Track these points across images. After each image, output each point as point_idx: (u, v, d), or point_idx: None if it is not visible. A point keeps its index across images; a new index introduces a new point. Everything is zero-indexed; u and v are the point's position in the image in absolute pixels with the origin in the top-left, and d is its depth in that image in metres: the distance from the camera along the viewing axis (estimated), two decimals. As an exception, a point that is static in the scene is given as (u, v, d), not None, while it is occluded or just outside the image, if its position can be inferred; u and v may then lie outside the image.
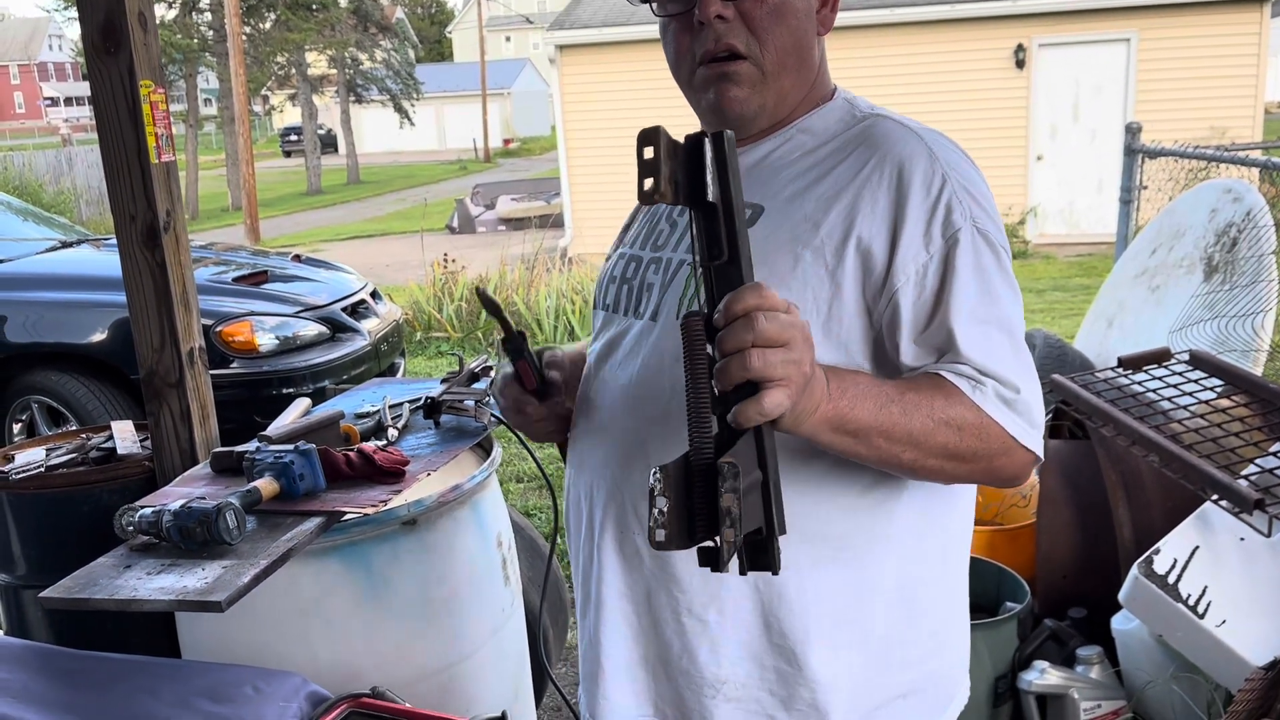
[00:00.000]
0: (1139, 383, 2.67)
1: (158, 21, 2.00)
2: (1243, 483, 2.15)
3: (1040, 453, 1.10)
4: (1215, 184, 3.58)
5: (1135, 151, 4.79)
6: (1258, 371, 2.94)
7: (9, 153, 21.81)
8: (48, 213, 7.21)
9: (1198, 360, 2.70)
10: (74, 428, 4.50)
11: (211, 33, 26.95)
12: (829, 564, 1.16)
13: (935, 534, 1.21)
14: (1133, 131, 4.84)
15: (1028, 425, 1.08)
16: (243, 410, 4.37)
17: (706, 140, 0.87)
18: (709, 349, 0.88)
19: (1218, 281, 3.23)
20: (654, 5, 1.23)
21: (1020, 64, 12.34)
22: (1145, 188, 4.80)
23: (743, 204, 0.89)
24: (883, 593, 1.18)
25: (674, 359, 1.10)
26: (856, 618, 1.18)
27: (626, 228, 1.44)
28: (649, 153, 0.85)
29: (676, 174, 0.87)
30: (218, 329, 4.62)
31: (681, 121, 1.08)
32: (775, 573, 0.87)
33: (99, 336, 4.65)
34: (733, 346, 0.86)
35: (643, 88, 12.78)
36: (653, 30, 1.22)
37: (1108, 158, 11.20)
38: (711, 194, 0.87)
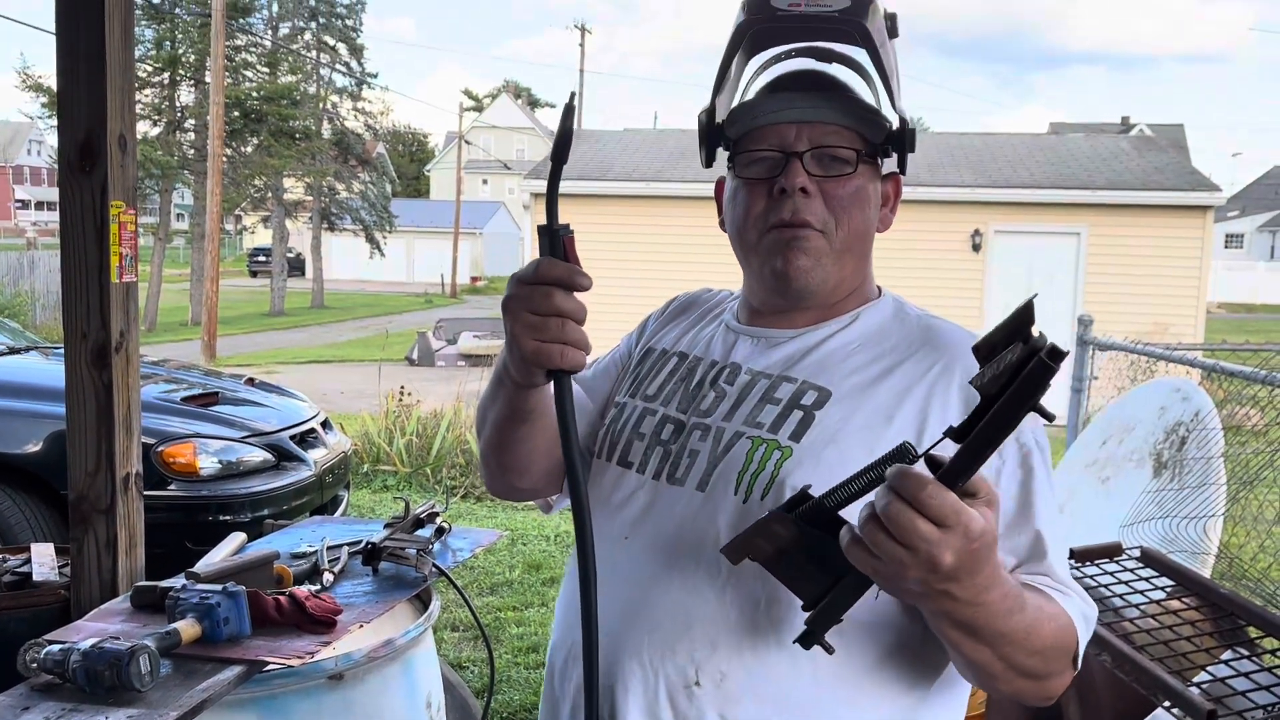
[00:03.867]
0: (1091, 577, 2.65)
1: (141, 138, 2.01)
2: (1195, 691, 2.11)
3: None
4: (1165, 382, 3.67)
5: (1087, 343, 4.92)
6: (1206, 573, 2.94)
7: (-29, 252, 21.65)
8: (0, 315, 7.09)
9: (1149, 558, 2.70)
10: (-8, 542, 4.30)
11: (193, 151, 27.37)
12: None
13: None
14: (1085, 324, 4.99)
15: (1085, 644, 1.08)
16: (176, 535, 4.22)
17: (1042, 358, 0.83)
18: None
19: (1167, 478, 3.26)
20: (734, 167, 1.24)
21: (976, 247, 12.84)
22: (1096, 378, 4.92)
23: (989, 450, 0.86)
24: None
25: (728, 535, 1.06)
26: None
27: (641, 376, 1.32)
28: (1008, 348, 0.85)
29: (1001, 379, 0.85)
30: (159, 449, 4.49)
31: (642, 269, 1.06)
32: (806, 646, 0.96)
33: (32, 448, 4.49)
34: (869, 514, 0.87)
35: (611, 238, 13.13)
36: (624, 186, 1.23)
37: (1057, 342, 11.53)
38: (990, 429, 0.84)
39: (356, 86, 32.98)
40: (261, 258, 41.65)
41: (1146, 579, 2.63)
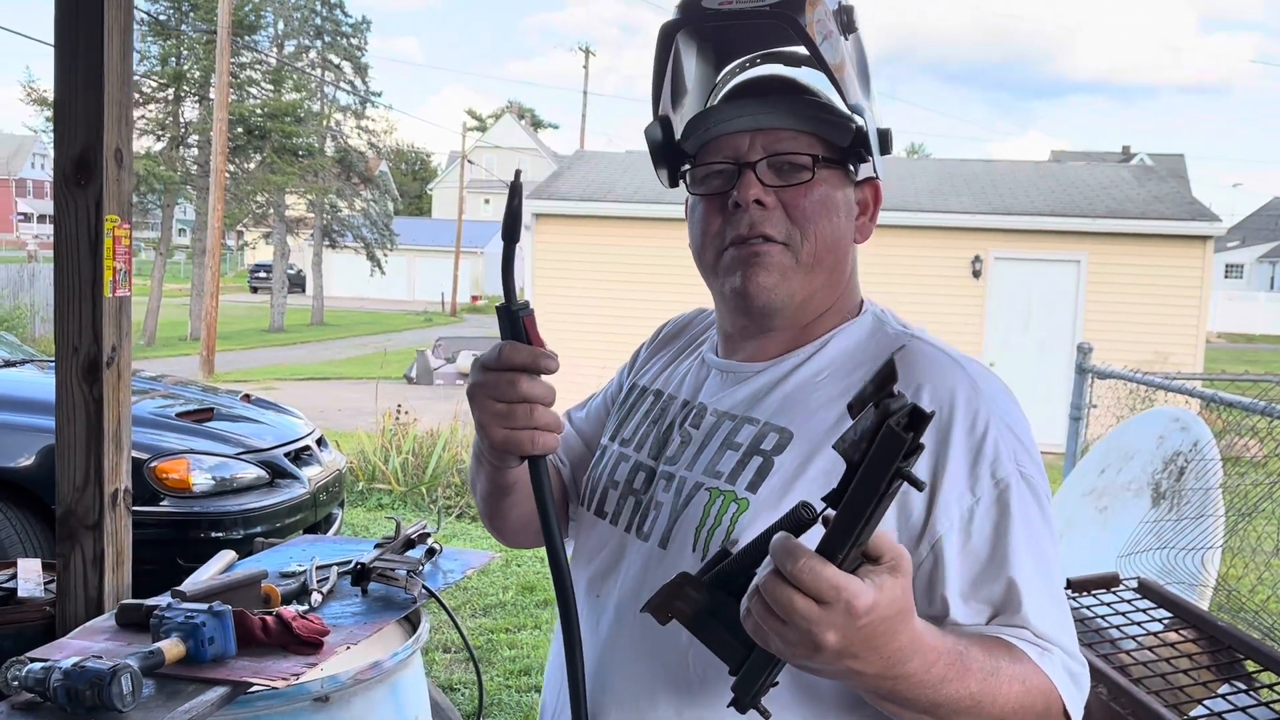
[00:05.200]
0: (1087, 607, 2.63)
1: (145, 152, 2.01)
2: (1191, 725, 2.09)
3: None
4: (1164, 411, 3.65)
5: (1086, 371, 4.91)
6: (1204, 605, 2.91)
7: (-26, 264, 21.67)
8: (-2, 328, 7.08)
9: (1146, 589, 2.67)
10: (-18, 556, 4.27)
11: (196, 167, 27.45)
12: None
13: None
14: (1084, 352, 4.98)
15: (1081, 699, 0.99)
16: (167, 551, 4.19)
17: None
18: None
19: (1165, 508, 3.24)
20: (687, 183, 1.17)
21: (977, 274, 12.85)
22: (1095, 406, 4.90)
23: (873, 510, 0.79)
24: None
25: None
26: None
27: (623, 416, 1.28)
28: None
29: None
30: (152, 464, 4.47)
31: (641, 291, 1.04)
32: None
33: (24, 461, 4.47)
34: (753, 585, 0.82)
35: (612, 260, 13.15)
36: (626, 208, 1.20)
37: (1055, 369, 11.54)
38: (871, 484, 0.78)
39: (360, 105, 33.15)
40: (262, 274, 41.70)
41: (1143, 610, 2.60)
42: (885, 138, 1.14)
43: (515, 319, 1.01)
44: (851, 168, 1.15)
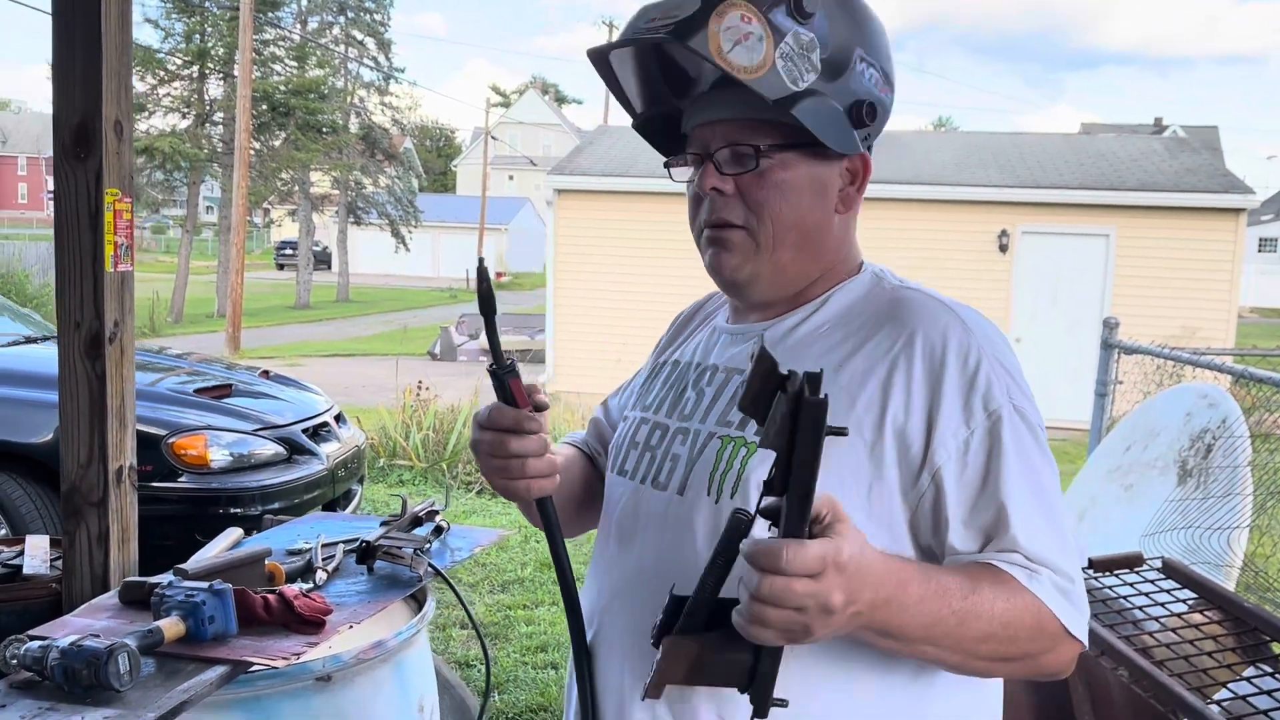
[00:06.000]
0: (1110, 587, 2.57)
1: (171, 130, 1.97)
2: (1214, 709, 2.03)
3: (1086, 641, 1.07)
4: (1191, 387, 3.57)
5: (1112, 346, 4.81)
6: (1230, 585, 2.85)
7: (3, 241, 21.88)
8: (26, 306, 7.13)
9: (1171, 569, 2.61)
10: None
11: (221, 144, 27.55)
12: None
13: (975, 707, 1.20)
14: (1110, 327, 4.88)
15: (1079, 616, 1.06)
16: (185, 527, 4.19)
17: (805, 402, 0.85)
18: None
19: (1191, 487, 3.17)
20: (671, 173, 1.27)
21: (1004, 248, 12.67)
22: (1121, 382, 4.81)
23: (815, 469, 0.88)
24: None
25: (705, 536, 1.12)
26: None
27: (646, 388, 1.38)
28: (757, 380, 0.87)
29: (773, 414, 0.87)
30: (170, 440, 4.48)
31: (664, 268, 1.04)
32: None
33: (44, 438, 4.49)
34: (748, 597, 0.90)
35: (633, 235, 13.07)
36: (647, 183, 1.24)
37: (1084, 346, 11.37)
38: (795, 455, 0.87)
39: (384, 81, 33.14)
40: (288, 251, 41.90)
41: (1167, 591, 2.55)
42: (865, 110, 1.17)
43: (502, 381, 1.13)
44: (855, 144, 1.19)
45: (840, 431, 0.87)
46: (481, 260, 1.14)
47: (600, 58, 1.22)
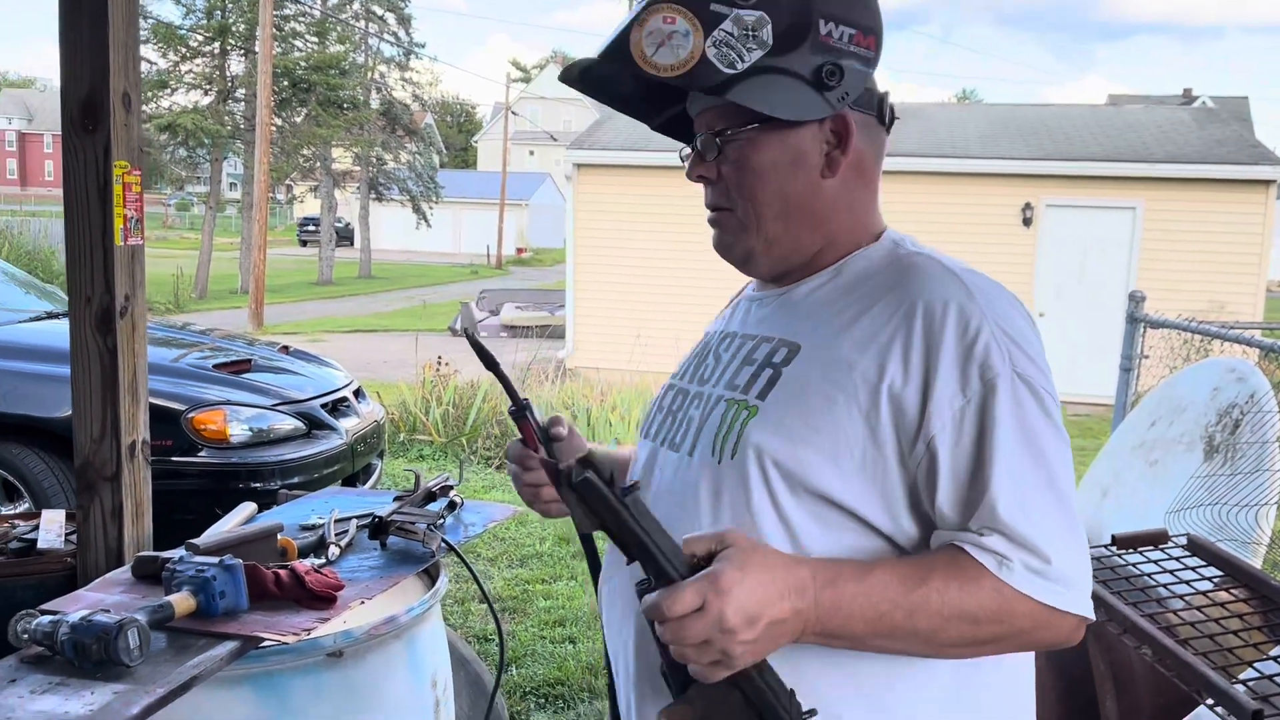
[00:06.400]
0: (1134, 565, 2.53)
1: (192, 106, 1.96)
2: (1240, 689, 1.99)
3: (1089, 613, 1.06)
4: (1219, 362, 3.50)
5: (1137, 320, 4.73)
6: (1257, 563, 2.80)
7: (29, 218, 22.03)
8: (53, 283, 7.17)
9: (1196, 546, 2.57)
10: (21, 508, 4.34)
11: (244, 121, 27.59)
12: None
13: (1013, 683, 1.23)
14: (1136, 300, 4.80)
15: (1065, 589, 1.04)
16: (206, 501, 4.21)
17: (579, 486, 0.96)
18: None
19: (1218, 463, 3.11)
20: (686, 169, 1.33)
21: (1027, 222, 12.52)
22: (1146, 357, 4.73)
23: (633, 527, 0.98)
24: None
25: (707, 497, 1.15)
26: None
27: (685, 360, 1.44)
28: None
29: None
30: (189, 415, 4.49)
31: (687, 242, 1.05)
32: None
33: (66, 412, 4.50)
34: (668, 642, 0.97)
35: (653, 210, 12.98)
36: (667, 157, 1.27)
37: (1110, 320, 11.22)
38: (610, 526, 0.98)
39: (404, 56, 33.06)
40: (311, 227, 42.00)
41: (1193, 568, 2.51)
42: (826, 71, 1.15)
43: (517, 420, 1.35)
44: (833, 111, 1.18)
45: (632, 489, 0.97)
46: (467, 330, 1.44)
47: (587, 87, 1.28)
